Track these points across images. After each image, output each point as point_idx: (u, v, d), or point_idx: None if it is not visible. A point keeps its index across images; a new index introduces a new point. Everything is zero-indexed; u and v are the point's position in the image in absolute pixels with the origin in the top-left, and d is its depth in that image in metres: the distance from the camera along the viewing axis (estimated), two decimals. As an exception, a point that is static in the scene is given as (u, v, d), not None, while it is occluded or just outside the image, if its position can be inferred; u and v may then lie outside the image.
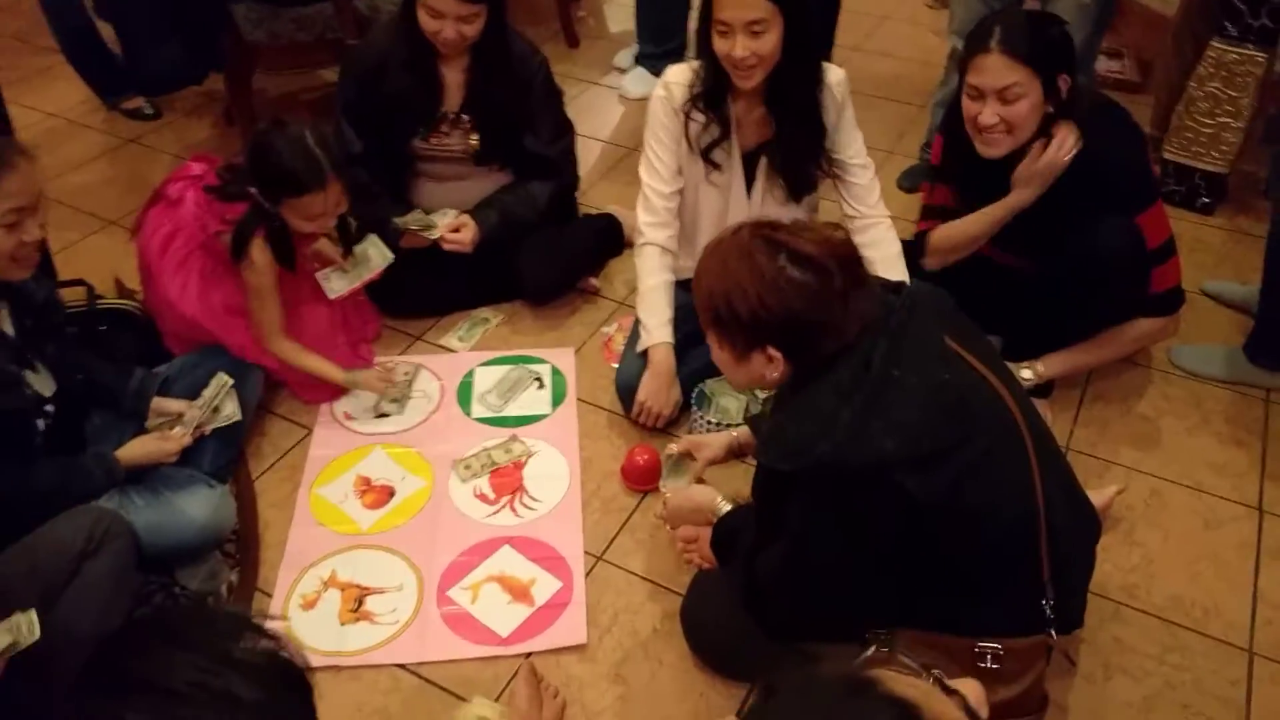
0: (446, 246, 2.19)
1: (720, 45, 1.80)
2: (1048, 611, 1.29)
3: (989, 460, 1.22)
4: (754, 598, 1.41)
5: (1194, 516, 1.89)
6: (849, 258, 1.22)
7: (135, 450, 1.71)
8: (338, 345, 2.14)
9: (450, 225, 2.20)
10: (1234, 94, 2.51)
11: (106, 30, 3.09)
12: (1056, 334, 2.05)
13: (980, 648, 1.28)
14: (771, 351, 1.23)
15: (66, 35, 3.02)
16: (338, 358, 2.10)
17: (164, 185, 2.01)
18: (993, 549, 1.25)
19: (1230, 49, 2.47)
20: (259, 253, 1.89)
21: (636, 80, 3.38)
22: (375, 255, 2.08)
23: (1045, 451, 1.31)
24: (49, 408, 1.63)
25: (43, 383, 1.63)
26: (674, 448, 1.83)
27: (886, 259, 1.99)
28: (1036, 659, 1.31)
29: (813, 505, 1.24)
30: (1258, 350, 2.14)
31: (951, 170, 2.02)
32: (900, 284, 1.32)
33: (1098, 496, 1.78)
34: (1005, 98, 1.78)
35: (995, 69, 1.77)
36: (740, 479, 1.82)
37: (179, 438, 1.75)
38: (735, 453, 1.77)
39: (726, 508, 1.62)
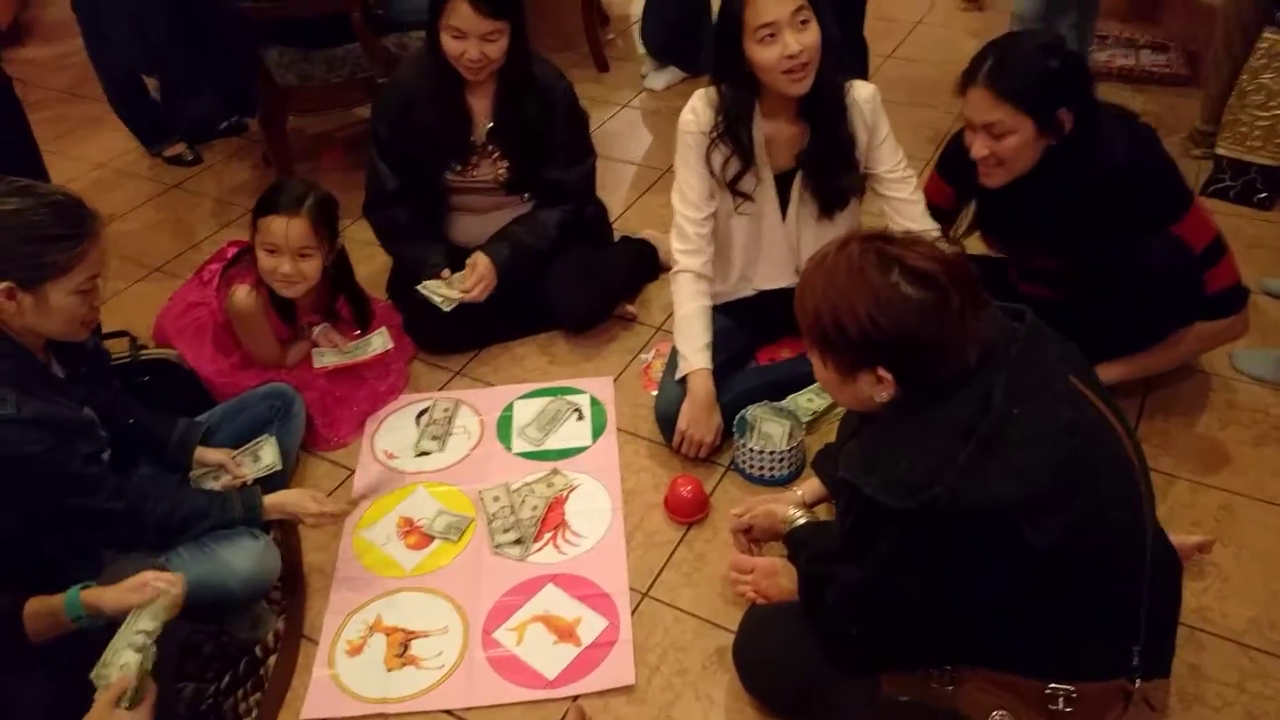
0: (470, 297, 2.18)
1: (768, 53, 1.73)
2: (1134, 658, 1.21)
3: (1109, 504, 1.15)
4: (816, 609, 1.35)
5: (1268, 532, 1.79)
6: (966, 276, 1.15)
7: (285, 500, 1.74)
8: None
9: (465, 284, 2.17)
10: (1289, 84, 2.41)
11: (150, 84, 3.18)
12: (1108, 349, 1.96)
13: (1052, 689, 1.21)
14: (881, 373, 1.17)
15: (114, 86, 3.11)
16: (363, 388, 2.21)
17: (202, 266, 2.24)
18: (1098, 593, 1.18)
19: (1283, 38, 2.37)
20: (243, 293, 2.02)
21: (657, 76, 3.45)
22: (377, 342, 2.18)
23: (1149, 488, 1.24)
24: (104, 454, 1.65)
25: None
26: (736, 521, 1.68)
27: None
28: (1112, 704, 1.24)
29: (909, 543, 1.16)
30: (1326, 351, 2.04)
31: (957, 175, 1.95)
32: (1021, 310, 1.23)
33: (1179, 540, 1.68)
34: (992, 133, 1.72)
35: (979, 104, 1.71)
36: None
37: (332, 510, 1.76)
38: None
39: (801, 519, 1.57)
